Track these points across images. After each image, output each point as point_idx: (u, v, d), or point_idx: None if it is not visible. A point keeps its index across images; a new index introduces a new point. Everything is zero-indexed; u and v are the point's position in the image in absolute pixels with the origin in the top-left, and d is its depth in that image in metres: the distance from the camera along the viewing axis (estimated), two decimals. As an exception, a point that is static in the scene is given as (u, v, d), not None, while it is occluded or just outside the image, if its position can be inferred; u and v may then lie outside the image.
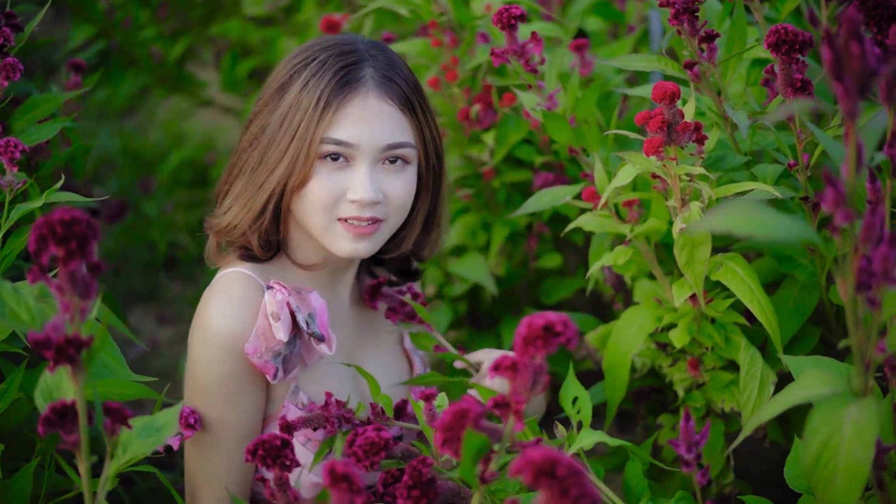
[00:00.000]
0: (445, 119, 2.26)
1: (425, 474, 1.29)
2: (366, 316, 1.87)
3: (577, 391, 1.65)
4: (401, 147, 1.69)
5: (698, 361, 1.86)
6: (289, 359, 1.66)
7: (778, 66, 1.59)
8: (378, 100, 1.67)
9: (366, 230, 1.67)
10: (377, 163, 1.67)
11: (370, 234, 1.68)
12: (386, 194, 1.68)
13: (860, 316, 1.13)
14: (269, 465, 1.38)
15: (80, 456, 1.18)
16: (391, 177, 1.69)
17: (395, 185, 1.69)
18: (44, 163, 2.00)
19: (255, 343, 1.63)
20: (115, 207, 3.40)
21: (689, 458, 1.33)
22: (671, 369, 1.90)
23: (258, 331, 1.63)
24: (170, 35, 3.79)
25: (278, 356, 1.65)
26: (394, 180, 1.69)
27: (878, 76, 1.02)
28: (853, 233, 1.08)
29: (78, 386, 1.15)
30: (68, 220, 1.11)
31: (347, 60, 1.68)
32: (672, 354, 1.91)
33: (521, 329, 1.16)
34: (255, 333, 1.63)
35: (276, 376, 1.64)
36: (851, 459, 1.11)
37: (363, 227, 1.67)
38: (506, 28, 1.83)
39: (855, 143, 1.05)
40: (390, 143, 1.67)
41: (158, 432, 1.27)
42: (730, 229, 1.09)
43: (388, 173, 1.69)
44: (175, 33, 3.79)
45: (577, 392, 1.65)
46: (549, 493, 1.02)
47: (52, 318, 1.15)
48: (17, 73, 1.69)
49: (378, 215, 1.68)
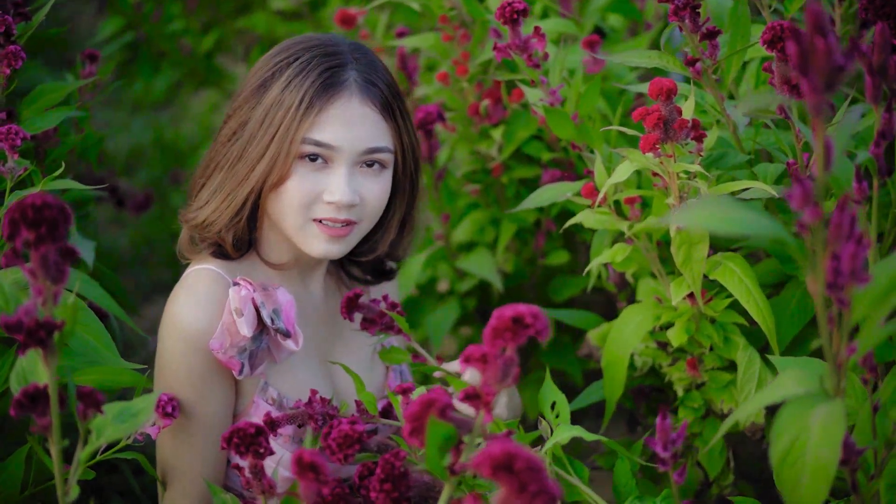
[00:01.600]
0: (455, 114, 2.26)
1: (398, 468, 1.29)
2: (339, 318, 1.86)
3: (555, 395, 1.64)
4: (380, 151, 1.69)
5: (697, 361, 1.84)
6: (255, 354, 1.67)
7: (774, 63, 1.57)
8: (361, 103, 1.67)
9: (340, 232, 1.68)
10: (355, 165, 1.68)
11: (344, 235, 1.69)
12: (362, 197, 1.68)
13: (831, 315, 1.12)
14: (243, 452, 1.39)
15: (51, 439, 1.20)
16: (368, 180, 1.70)
17: (371, 189, 1.70)
18: (52, 151, 2.02)
19: (220, 339, 1.64)
20: (142, 198, 3.42)
21: (666, 456, 1.31)
22: (671, 368, 1.89)
23: (223, 326, 1.64)
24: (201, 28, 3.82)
25: (244, 352, 1.66)
26: (370, 184, 1.70)
27: (845, 72, 1.01)
28: (823, 231, 1.07)
29: (49, 369, 1.17)
30: (39, 205, 1.12)
31: (332, 62, 1.67)
32: (672, 354, 1.89)
33: (492, 320, 1.16)
34: (220, 329, 1.64)
35: (241, 372, 1.66)
36: (818, 460, 1.10)
37: (337, 228, 1.68)
38: (508, 22, 1.82)
39: (822, 140, 1.04)
40: (370, 146, 1.68)
41: (134, 418, 1.28)
42: (698, 225, 1.09)
43: (365, 176, 1.69)
44: (206, 27, 3.81)
45: (554, 396, 1.64)
46: (507, 488, 1.02)
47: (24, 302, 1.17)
48: (20, 62, 1.70)
49: (353, 217, 1.68)
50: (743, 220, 1.07)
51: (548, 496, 1.01)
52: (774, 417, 1.13)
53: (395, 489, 1.28)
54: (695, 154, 1.67)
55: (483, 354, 1.17)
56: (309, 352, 1.78)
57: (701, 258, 1.69)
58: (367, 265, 1.91)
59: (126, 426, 1.26)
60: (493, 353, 1.16)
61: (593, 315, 2.10)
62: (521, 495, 1.01)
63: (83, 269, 2.09)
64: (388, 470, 1.28)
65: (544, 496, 1.01)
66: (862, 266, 1.06)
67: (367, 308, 1.65)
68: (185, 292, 1.70)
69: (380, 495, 1.28)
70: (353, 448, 1.40)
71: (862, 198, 1.36)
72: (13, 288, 1.22)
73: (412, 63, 2.40)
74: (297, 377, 1.75)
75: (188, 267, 1.76)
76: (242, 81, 1.76)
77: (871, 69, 1.30)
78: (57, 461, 1.20)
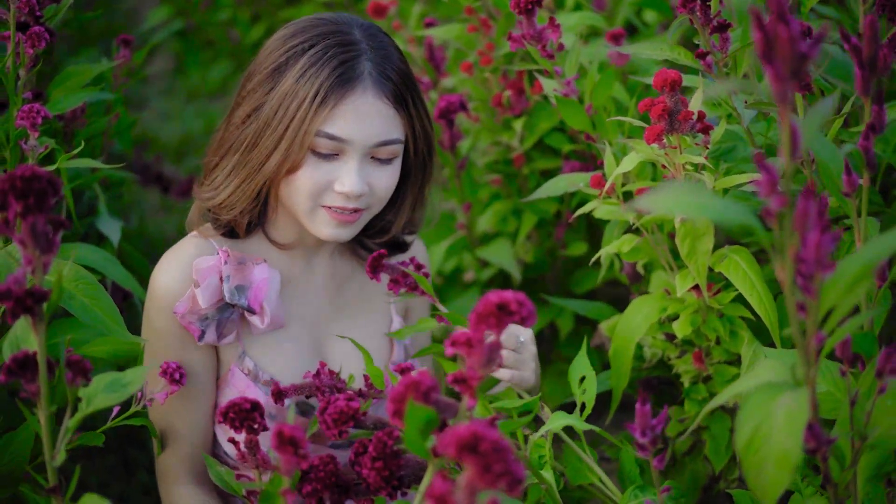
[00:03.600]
0: (479, 104, 2.28)
1: (390, 446, 1.31)
2: (349, 294, 1.89)
3: (586, 371, 1.65)
4: (391, 143, 1.70)
5: (704, 354, 1.85)
6: (223, 324, 1.72)
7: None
8: (374, 97, 1.67)
9: (349, 218, 1.71)
10: (366, 157, 1.70)
11: (353, 221, 1.72)
12: (371, 186, 1.70)
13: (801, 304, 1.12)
14: (238, 427, 1.42)
15: (40, 405, 1.24)
16: (378, 170, 1.71)
17: (380, 178, 1.71)
18: (79, 131, 2.07)
19: (183, 304, 1.70)
20: (185, 184, 3.48)
21: (644, 441, 1.32)
22: (678, 361, 1.89)
23: (189, 293, 1.70)
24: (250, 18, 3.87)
25: (205, 320, 1.70)
26: (380, 173, 1.71)
27: (810, 60, 1.01)
28: (790, 219, 1.07)
29: (38, 337, 1.21)
30: (29, 177, 1.16)
31: (347, 54, 1.68)
32: (680, 346, 1.90)
33: (477, 306, 1.17)
34: (186, 295, 1.70)
35: (202, 338, 1.71)
36: (782, 447, 1.10)
37: (346, 215, 1.70)
38: (523, 12, 1.84)
39: (788, 127, 1.04)
40: (382, 140, 1.69)
41: (124, 388, 1.31)
42: (667, 210, 1.10)
43: (374, 166, 1.71)
44: (254, 17, 3.86)
45: (585, 371, 1.65)
46: (472, 469, 1.02)
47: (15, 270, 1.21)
48: (43, 42, 1.74)
49: (361, 206, 1.71)
50: (710, 206, 1.08)
51: (512, 477, 1.02)
52: (740, 405, 1.14)
53: (387, 468, 1.30)
54: (701, 146, 1.67)
55: (468, 339, 1.18)
56: (300, 329, 1.81)
57: (706, 250, 1.69)
58: (386, 243, 1.92)
59: (116, 396, 1.30)
60: (478, 338, 1.18)
61: (607, 306, 2.11)
62: (486, 476, 1.01)
63: (109, 249, 2.15)
64: (380, 448, 1.30)
65: (509, 477, 1.01)
66: (827, 255, 1.06)
67: (391, 268, 1.67)
68: (168, 256, 1.76)
69: (371, 473, 1.30)
70: (347, 424, 1.42)
71: (852, 190, 1.35)
72: (5, 257, 1.26)
73: (440, 53, 2.42)
74: (281, 352, 1.78)
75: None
76: (256, 59, 1.76)
77: (861, 62, 1.29)
78: (45, 427, 1.24)
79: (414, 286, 1.69)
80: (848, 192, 1.36)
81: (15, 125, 1.73)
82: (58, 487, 1.26)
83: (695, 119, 1.64)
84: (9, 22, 1.77)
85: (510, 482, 1.02)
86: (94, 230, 2.25)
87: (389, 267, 1.67)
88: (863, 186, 1.39)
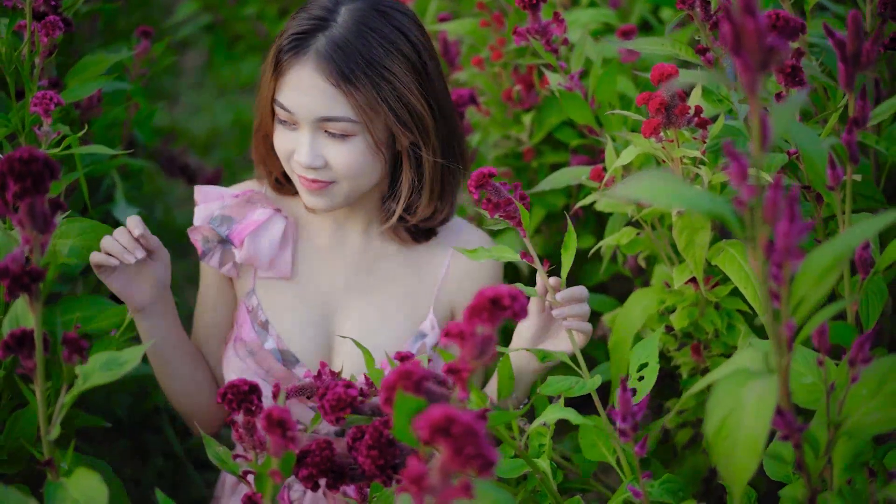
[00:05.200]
0: (490, 98, 2.31)
1: (385, 435, 1.34)
2: (380, 273, 1.94)
3: (649, 358, 1.64)
4: (335, 121, 1.73)
5: (702, 347, 1.86)
6: (225, 253, 1.89)
7: (772, 51, 1.58)
8: (312, 72, 1.72)
9: (315, 186, 1.78)
10: (318, 130, 1.75)
11: (320, 190, 1.78)
12: (328, 161, 1.76)
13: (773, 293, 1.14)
14: (236, 408, 1.45)
15: (36, 381, 1.28)
16: (333, 145, 1.75)
17: (336, 154, 1.75)
18: (95, 120, 2.12)
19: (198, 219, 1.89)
20: (210, 175, 3.53)
21: (625, 427, 1.34)
22: (677, 353, 1.91)
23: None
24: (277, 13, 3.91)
25: (208, 242, 1.88)
26: (336, 149, 1.75)
27: (778, 52, 1.03)
28: (760, 209, 1.09)
29: (35, 314, 1.25)
30: (27, 159, 1.20)
31: (304, 27, 1.74)
32: (680, 339, 1.91)
33: (473, 300, 1.20)
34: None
35: (203, 256, 1.90)
36: (751, 433, 1.12)
37: (311, 183, 1.78)
38: (528, 8, 1.86)
39: (758, 118, 1.06)
40: (322, 115, 1.73)
41: (120, 367, 1.35)
42: (638, 197, 1.12)
43: (330, 141, 1.75)
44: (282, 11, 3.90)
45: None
46: (445, 451, 1.05)
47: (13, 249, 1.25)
48: (57, 31, 1.79)
49: (322, 178, 1.77)
50: (681, 195, 1.10)
51: (483, 460, 1.04)
52: (711, 392, 1.16)
53: (382, 456, 1.32)
54: (699, 140, 1.69)
55: (460, 331, 1.21)
56: (314, 293, 1.92)
57: (703, 243, 1.71)
58: (409, 227, 1.95)
59: (111, 373, 1.34)
60: (470, 331, 1.20)
61: (610, 298, 2.13)
62: (458, 458, 1.04)
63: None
64: (375, 437, 1.33)
65: (481, 459, 1.04)
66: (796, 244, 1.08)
67: (495, 190, 1.67)
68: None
69: (366, 461, 1.32)
70: (344, 410, 1.45)
71: (836, 183, 1.37)
72: (5, 236, 1.30)
73: (454, 48, 2.45)
74: (288, 306, 1.91)
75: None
76: None
77: (845, 57, 1.31)
78: (41, 402, 1.28)
79: (512, 216, 1.68)
80: (832, 186, 1.37)
81: (29, 111, 1.78)
82: (52, 461, 1.30)
83: (691, 113, 1.65)
84: (25, 10, 1.81)
85: (482, 464, 1.04)
86: (112, 218, 2.30)
87: (494, 187, 1.65)
88: (847, 180, 1.41)
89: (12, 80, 1.83)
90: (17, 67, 1.83)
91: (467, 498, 1.06)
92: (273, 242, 1.88)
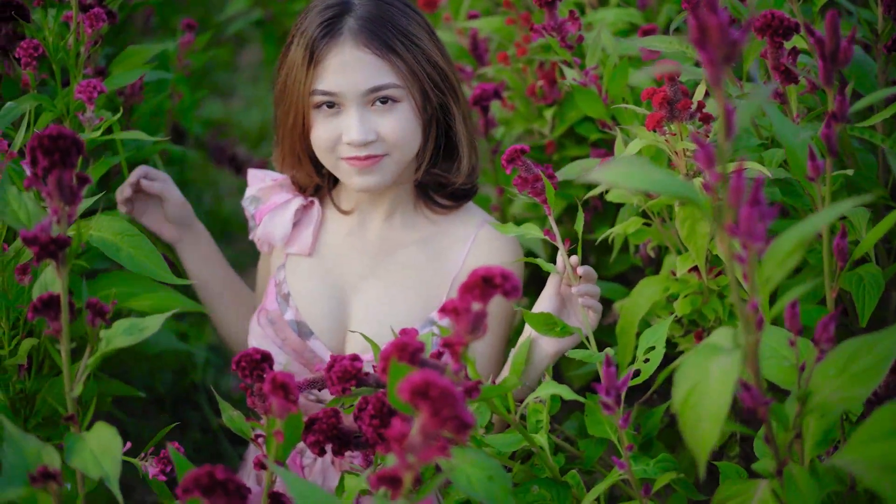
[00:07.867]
0: (514, 93, 2.39)
1: (387, 405, 1.42)
2: (401, 259, 2.03)
3: (657, 342, 1.72)
4: (384, 88, 1.85)
5: (704, 333, 1.93)
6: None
7: (768, 49, 1.66)
8: (353, 48, 1.84)
9: (367, 163, 1.87)
10: (365, 105, 1.86)
11: (372, 165, 1.88)
12: (379, 133, 1.87)
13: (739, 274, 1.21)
14: (248, 376, 1.55)
15: (62, 342, 1.39)
16: (382, 116, 1.87)
17: (386, 124, 1.87)
18: (137, 107, 2.24)
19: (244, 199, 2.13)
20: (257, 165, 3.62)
21: (609, 401, 1.42)
22: (681, 339, 1.98)
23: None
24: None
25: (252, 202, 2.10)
26: (385, 119, 1.87)
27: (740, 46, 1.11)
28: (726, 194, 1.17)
29: (61, 280, 1.36)
30: (55, 136, 1.31)
31: (329, 14, 1.86)
32: (685, 326, 1.98)
33: (466, 278, 1.28)
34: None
35: (250, 232, 2.12)
36: (714, 404, 1.20)
37: (362, 161, 1.87)
38: (545, 6, 1.95)
39: (724, 109, 1.14)
40: (371, 86, 1.85)
41: (140, 332, 1.46)
42: (613, 182, 1.20)
43: (378, 113, 1.87)
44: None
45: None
46: (423, 413, 1.13)
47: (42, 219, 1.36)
48: (101, 23, 1.90)
49: (376, 152, 1.87)
50: (651, 178, 1.18)
51: (459, 422, 1.13)
52: (679, 365, 1.24)
53: (383, 425, 1.40)
54: (702, 134, 1.76)
55: (454, 307, 1.30)
56: (334, 273, 2.03)
57: (705, 233, 1.78)
58: (448, 193, 2.05)
59: (132, 338, 1.45)
60: (464, 307, 1.29)
61: (621, 287, 2.20)
62: (435, 419, 1.12)
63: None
64: (378, 407, 1.41)
65: (456, 421, 1.13)
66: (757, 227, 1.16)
67: (526, 166, 1.75)
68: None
69: (368, 429, 1.41)
70: (350, 381, 1.54)
71: (816, 175, 1.44)
72: (36, 207, 1.41)
73: (483, 44, 2.53)
74: (307, 281, 2.03)
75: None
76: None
77: (824, 55, 1.38)
78: (66, 360, 1.39)
79: (539, 192, 1.77)
80: (813, 178, 1.44)
81: (73, 98, 1.89)
82: (74, 416, 1.41)
83: (693, 108, 1.73)
84: (71, 2, 1.93)
85: (458, 426, 1.12)
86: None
87: (524, 163, 1.74)
88: (827, 173, 1.47)
89: (58, 69, 1.94)
90: (64, 56, 1.94)
91: (444, 457, 1.14)
92: (285, 223, 2.02)
